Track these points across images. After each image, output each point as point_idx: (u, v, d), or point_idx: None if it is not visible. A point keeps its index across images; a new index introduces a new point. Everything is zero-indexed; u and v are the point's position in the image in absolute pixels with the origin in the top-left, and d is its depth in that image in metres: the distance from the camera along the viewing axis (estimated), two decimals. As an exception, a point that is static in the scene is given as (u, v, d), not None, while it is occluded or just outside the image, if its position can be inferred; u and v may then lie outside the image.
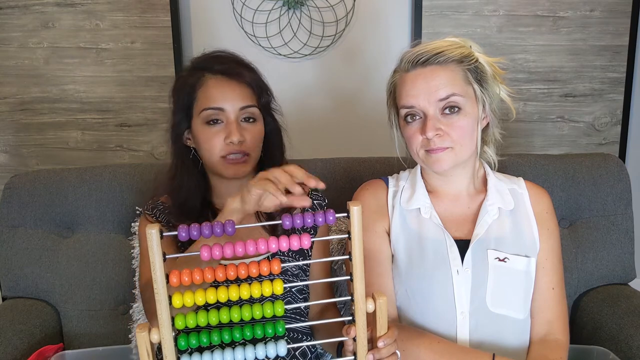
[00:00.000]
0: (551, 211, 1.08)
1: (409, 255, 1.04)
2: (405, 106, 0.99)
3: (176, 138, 1.07)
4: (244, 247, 0.78)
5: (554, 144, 2.12)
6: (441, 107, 0.97)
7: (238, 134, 1.01)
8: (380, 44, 2.04)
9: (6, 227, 1.37)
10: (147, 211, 1.12)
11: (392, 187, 1.11)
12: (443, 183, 1.07)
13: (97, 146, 2.07)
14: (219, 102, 1.02)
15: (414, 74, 0.98)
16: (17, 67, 2.00)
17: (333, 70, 2.05)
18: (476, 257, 1.01)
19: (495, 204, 1.04)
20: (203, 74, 1.04)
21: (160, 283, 0.75)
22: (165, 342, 0.75)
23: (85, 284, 1.35)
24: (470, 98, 0.98)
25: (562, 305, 1.04)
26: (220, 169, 1.03)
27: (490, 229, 1.03)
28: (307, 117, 2.05)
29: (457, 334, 0.99)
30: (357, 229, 0.76)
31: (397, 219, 1.06)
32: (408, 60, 0.99)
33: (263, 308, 0.80)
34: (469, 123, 0.98)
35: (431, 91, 0.96)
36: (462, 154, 0.99)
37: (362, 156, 1.49)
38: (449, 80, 0.96)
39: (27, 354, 1.21)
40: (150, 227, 0.73)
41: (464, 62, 0.98)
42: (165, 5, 1.95)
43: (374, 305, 0.79)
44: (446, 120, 0.97)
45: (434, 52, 0.97)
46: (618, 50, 2.04)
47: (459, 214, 1.06)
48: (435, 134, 0.96)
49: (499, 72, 1.03)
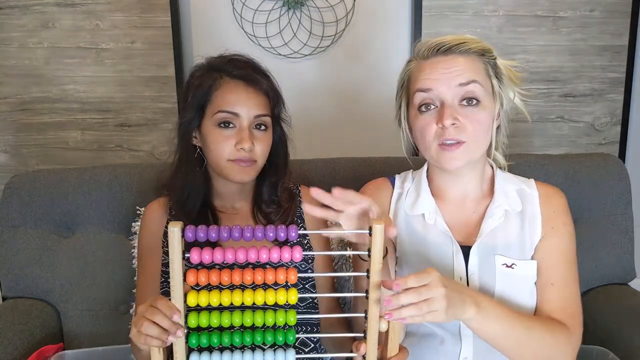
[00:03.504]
0: (560, 210, 1.03)
1: (415, 261, 1.02)
2: (421, 89, 0.94)
3: (184, 135, 1.06)
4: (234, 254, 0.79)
5: (554, 144, 2.12)
6: (460, 95, 0.93)
7: (250, 142, 1.01)
8: (380, 44, 2.04)
9: (6, 227, 1.36)
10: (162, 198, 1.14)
11: (397, 189, 1.09)
12: (450, 184, 1.03)
13: (97, 146, 2.07)
14: (234, 106, 1.02)
15: (434, 61, 0.95)
16: (17, 67, 2.00)
17: (333, 70, 2.05)
18: (483, 263, 0.98)
19: (502, 207, 1.00)
20: (220, 76, 1.04)
21: (177, 281, 0.77)
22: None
23: (85, 284, 1.35)
24: (489, 92, 0.96)
25: (565, 300, 0.98)
26: (226, 172, 1.04)
27: (496, 234, 0.99)
28: (307, 118, 2.05)
29: (461, 341, 0.97)
30: (378, 247, 0.77)
31: (402, 224, 1.05)
32: (428, 47, 0.95)
33: (276, 315, 0.82)
34: (487, 118, 0.95)
35: (452, 76, 0.92)
36: (476, 151, 0.96)
37: (363, 156, 1.49)
38: (471, 68, 0.93)
39: (27, 354, 1.21)
40: (173, 225, 0.74)
41: (485, 55, 0.96)
42: (165, 5, 1.95)
43: (387, 325, 0.80)
44: (464, 111, 0.93)
45: (456, 42, 0.94)
46: (618, 50, 2.04)
47: (465, 218, 1.03)
48: (452, 123, 0.91)
49: (515, 75, 1.01)
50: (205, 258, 0.79)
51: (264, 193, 1.11)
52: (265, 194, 1.11)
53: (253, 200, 1.13)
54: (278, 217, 1.10)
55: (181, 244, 0.76)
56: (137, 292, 1.14)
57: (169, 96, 2.02)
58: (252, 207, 1.13)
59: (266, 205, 1.11)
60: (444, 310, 0.77)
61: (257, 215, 1.12)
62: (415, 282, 0.76)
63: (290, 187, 1.16)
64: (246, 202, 1.13)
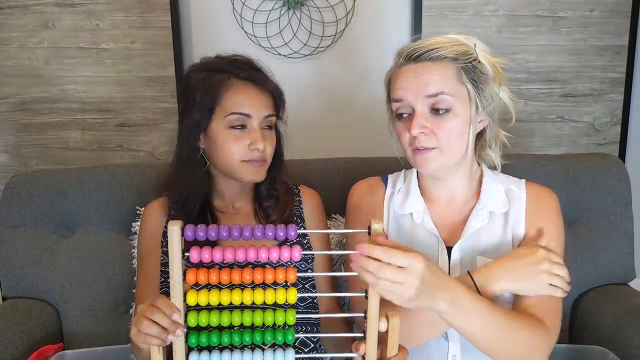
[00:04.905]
0: (548, 210, 1.02)
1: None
2: (394, 99, 0.98)
3: (190, 137, 1.06)
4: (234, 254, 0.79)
5: (554, 144, 2.12)
6: (429, 104, 0.94)
7: (263, 142, 1.03)
8: (380, 44, 2.04)
9: (6, 227, 1.37)
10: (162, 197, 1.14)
11: (389, 189, 1.10)
12: (436, 186, 1.05)
13: (97, 146, 2.07)
14: (246, 108, 1.02)
15: (405, 69, 0.96)
16: (17, 67, 2.00)
17: (333, 70, 2.05)
18: (464, 263, 0.99)
19: (486, 208, 1.01)
20: (228, 77, 1.03)
21: (177, 280, 0.77)
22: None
23: (85, 284, 1.35)
24: (462, 98, 0.95)
25: (544, 297, 0.94)
26: (239, 172, 1.04)
27: (480, 235, 1.00)
28: (307, 117, 2.05)
29: (448, 340, 0.98)
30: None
31: (392, 223, 1.06)
32: (402, 54, 0.98)
33: (275, 315, 0.82)
34: (458, 124, 0.95)
35: (420, 86, 0.94)
36: (451, 157, 0.97)
37: (362, 156, 1.49)
38: (440, 77, 0.94)
39: (27, 354, 1.21)
40: (173, 224, 0.75)
41: (458, 60, 0.95)
42: (165, 5, 1.95)
43: (387, 325, 0.80)
44: (434, 119, 0.94)
45: (428, 48, 0.94)
46: (618, 50, 2.04)
47: (452, 218, 1.04)
48: (421, 132, 0.94)
49: (500, 73, 1.00)
50: (205, 257, 0.79)
51: (263, 190, 1.12)
52: (264, 191, 1.13)
53: (254, 198, 1.14)
54: (277, 211, 1.11)
55: (181, 243, 0.77)
56: (137, 291, 1.14)
57: (169, 96, 2.02)
58: (254, 205, 1.13)
59: (265, 200, 1.12)
60: (408, 299, 0.75)
61: (259, 213, 1.12)
62: (399, 260, 0.74)
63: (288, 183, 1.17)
64: (246, 201, 1.14)
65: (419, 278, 0.75)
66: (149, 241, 1.12)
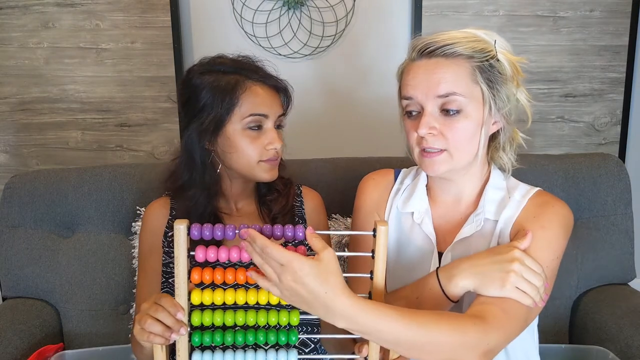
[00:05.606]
0: (543, 217, 0.92)
1: (396, 257, 1.02)
2: (404, 97, 0.93)
3: (203, 139, 1.03)
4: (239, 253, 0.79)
5: (554, 144, 2.12)
6: (440, 104, 0.89)
7: (280, 141, 1.04)
8: (380, 44, 2.04)
9: (6, 227, 1.37)
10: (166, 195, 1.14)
11: (397, 184, 1.08)
12: (444, 187, 1.01)
13: (97, 146, 2.07)
14: (264, 109, 1.03)
15: (417, 64, 0.91)
16: (17, 67, 2.00)
17: (333, 70, 2.06)
18: None
19: (482, 215, 0.96)
20: (243, 79, 1.02)
21: (181, 279, 0.77)
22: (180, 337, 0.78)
23: (85, 284, 1.35)
24: (475, 99, 0.90)
25: (501, 299, 0.84)
26: (257, 172, 1.04)
27: (471, 241, 0.96)
28: (307, 117, 2.05)
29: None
30: (382, 248, 0.77)
31: (393, 218, 1.05)
32: (415, 48, 0.92)
33: (279, 315, 0.82)
34: (469, 126, 0.90)
35: (431, 85, 0.88)
36: (460, 160, 0.92)
37: (363, 156, 1.49)
38: (453, 76, 0.88)
39: (27, 354, 1.21)
40: (179, 223, 0.75)
41: (474, 57, 0.89)
42: (165, 5, 1.95)
43: None
44: (444, 120, 0.89)
45: (443, 43, 0.89)
46: (618, 50, 2.04)
47: (453, 222, 1.00)
48: (429, 132, 0.89)
49: (520, 73, 0.95)
50: (210, 256, 0.79)
51: (263, 186, 1.13)
52: (264, 187, 1.14)
53: (256, 198, 1.14)
54: (279, 202, 1.11)
55: (187, 242, 0.77)
56: (137, 291, 1.14)
57: (169, 96, 2.02)
58: (256, 205, 1.14)
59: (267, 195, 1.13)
60: (278, 294, 0.74)
61: (262, 212, 1.13)
62: (276, 255, 0.71)
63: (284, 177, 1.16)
64: (248, 201, 1.14)
65: (292, 282, 0.71)
66: (150, 241, 1.11)
